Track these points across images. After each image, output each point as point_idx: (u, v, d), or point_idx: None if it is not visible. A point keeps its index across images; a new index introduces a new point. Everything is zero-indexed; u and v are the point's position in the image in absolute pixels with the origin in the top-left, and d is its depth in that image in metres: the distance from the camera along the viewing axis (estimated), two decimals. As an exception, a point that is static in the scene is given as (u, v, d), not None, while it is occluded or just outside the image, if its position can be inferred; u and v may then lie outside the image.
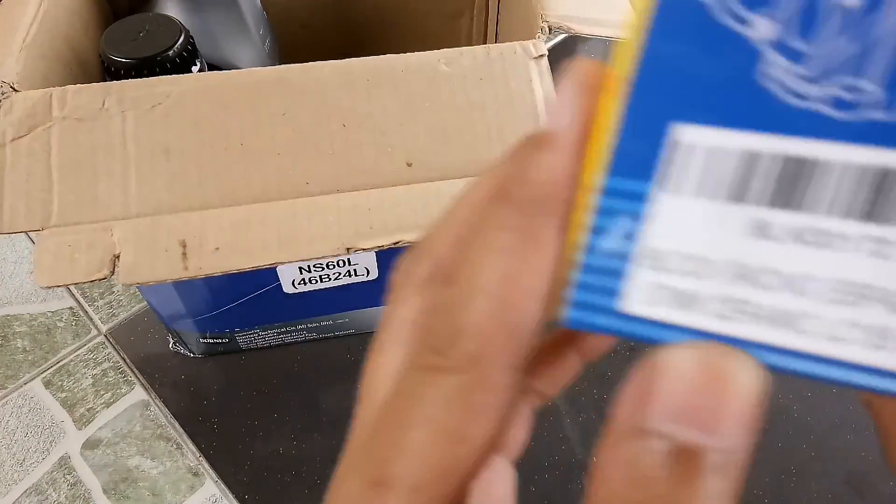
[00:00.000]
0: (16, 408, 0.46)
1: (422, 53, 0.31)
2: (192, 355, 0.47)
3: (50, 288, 0.32)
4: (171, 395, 0.46)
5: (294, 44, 0.52)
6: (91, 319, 0.50)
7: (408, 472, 0.11)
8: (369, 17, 0.53)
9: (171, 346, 0.48)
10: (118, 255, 0.25)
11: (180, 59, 0.34)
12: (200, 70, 0.36)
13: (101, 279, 0.24)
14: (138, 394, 0.47)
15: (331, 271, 0.38)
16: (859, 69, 0.10)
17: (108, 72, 0.34)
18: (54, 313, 0.51)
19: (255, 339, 0.46)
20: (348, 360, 0.47)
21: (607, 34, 0.33)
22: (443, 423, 0.11)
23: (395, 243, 0.28)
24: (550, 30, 0.33)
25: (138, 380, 0.47)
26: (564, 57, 0.29)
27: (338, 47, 0.54)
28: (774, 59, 0.10)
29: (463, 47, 0.32)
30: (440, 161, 0.30)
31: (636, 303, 0.11)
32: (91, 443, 0.45)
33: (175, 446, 0.44)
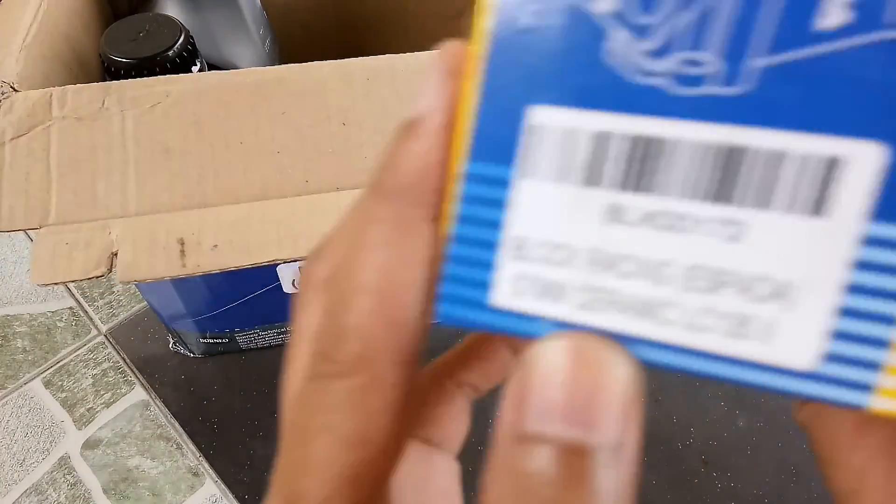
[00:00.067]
0: (16, 408, 0.46)
1: (422, 53, 0.31)
2: (192, 355, 0.47)
3: (46, 286, 0.32)
4: (171, 395, 0.46)
5: (294, 44, 0.52)
6: (91, 319, 0.51)
7: (315, 485, 0.11)
8: (369, 18, 0.53)
9: (171, 346, 0.48)
10: (116, 253, 0.25)
11: (180, 59, 0.34)
12: (200, 70, 0.36)
13: (98, 276, 0.24)
14: (138, 394, 0.47)
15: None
16: (698, 41, 0.09)
17: (108, 72, 0.34)
18: (54, 313, 0.51)
19: (255, 339, 0.46)
20: (348, 360, 0.47)
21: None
22: (341, 429, 0.11)
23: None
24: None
25: (138, 380, 0.47)
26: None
27: (338, 47, 0.54)
28: (618, 35, 0.09)
29: (463, 47, 0.32)
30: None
31: (505, 295, 0.10)
32: (91, 443, 0.45)
33: (175, 446, 0.44)
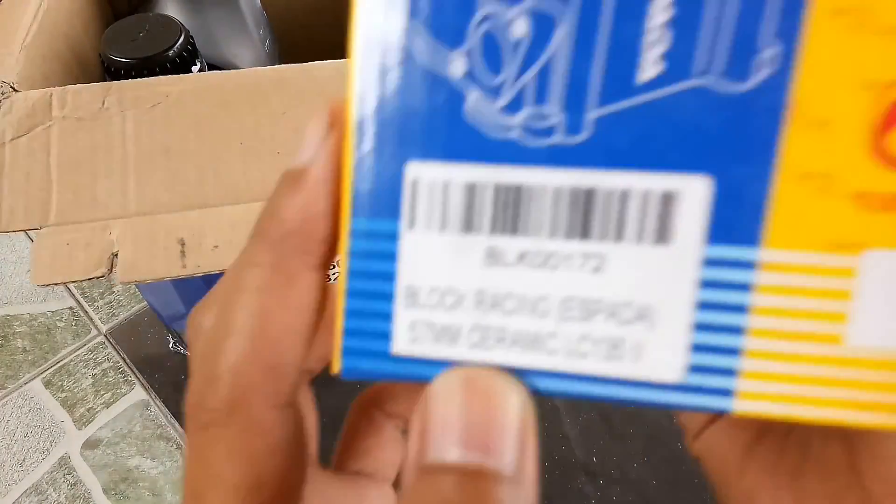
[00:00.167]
0: (16, 408, 0.46)
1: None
2: (192, 355, 0.47)
3: (46, 286, 0.32)
4: (171, 395, 0.46)
5: (294, 44, 0.52)
6: (91, 319, 0.51)
7: None
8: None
9: (171, 346, 0.48)
10: (116, 254, 0.25)
11: (180, 59, 0.34)
12: (200, 70, 0.36)
13: (98, 277, 0.24)
14: (138, 394, 0.47)
15: (330, 271, 0.38)
16: (542, 97, 0.10)
17: (108, 72, 0.34)
18: (54, 313, 0.51)
19: (255, 339, 0.46)
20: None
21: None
22: (230, 480, 0.11)
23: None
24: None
25: (138, 380, 0.47)
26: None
27: (338, 47, 0.54)
28: (474, 95, 0.10)
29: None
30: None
31: (404, 343, 0.11)
32: (91, 443, 0.45)
33: (175, 446, 0.44)
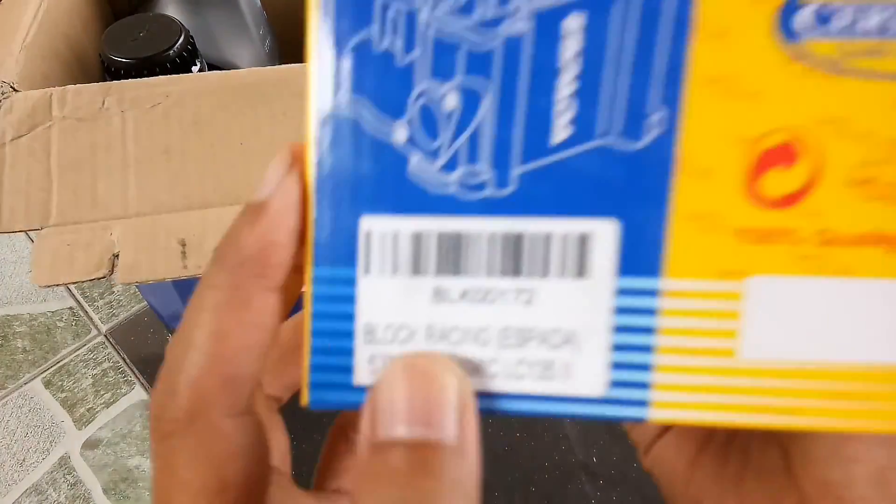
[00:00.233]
0: (16, 408, 0.46)
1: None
2: (192, 355, 0.47)
3: (48, 287, 0.32)
4: (171, 395, 0.46)
5: (294, 44, 0.52)
6: (91, 319, 0.51)
7: None
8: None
9: (171, 346, 0.48)
10: (117, 254, 0.25)
11: (180, 59, 0.34)
12: (200, 70, 0.36)
13: (99, 278, 0.24)
14: (138, 394, 0.47)
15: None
16: (474, 157, 0.12)
17: (108, 72, 0.34)
18: (54, 313, 0.51)
19: (255, 339, 0.46)
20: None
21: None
22: (194, 484, 0.12)
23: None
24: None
25: (138, 380, 0.47)
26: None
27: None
28: (415, 158, 0.12)
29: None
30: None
31: (365, 374, 0.13)
32: (91, 443, 0.45)
33: (175, 446, 0.44)
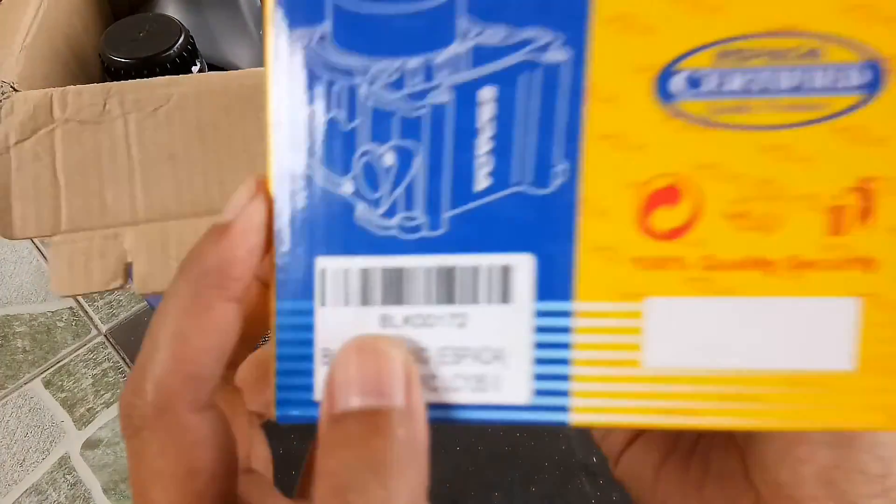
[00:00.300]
0: (16, 408, 0.46)
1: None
2: (192, 355, 0.47)
3: (68, 297, 0.32)
4: (172, 395, 0.46)
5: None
6: (91, 319, 0.50)
7: None
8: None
9: (171, 345, 0.48)
10: (130, 264, 0.25)
11: (180, 59, 0.34)
12: (200, 70, 0.36)
13: (117, 289, 0.24)
14: (138, 394, 0.47)
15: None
16: (410, 205, 0.14)
17: (108, 72, 0.34)
18: (54, 313, 0.51)
19: (256, 339, 0.46)
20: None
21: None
22: (167, 471, 0.13)
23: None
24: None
25: (138, 380, 0.47)
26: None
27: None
28: (360, 206, 0.14)
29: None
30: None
31: (323, 391, 0.14)
32: (91, 443, 0.45)
33: (175, 446, 0.44)
